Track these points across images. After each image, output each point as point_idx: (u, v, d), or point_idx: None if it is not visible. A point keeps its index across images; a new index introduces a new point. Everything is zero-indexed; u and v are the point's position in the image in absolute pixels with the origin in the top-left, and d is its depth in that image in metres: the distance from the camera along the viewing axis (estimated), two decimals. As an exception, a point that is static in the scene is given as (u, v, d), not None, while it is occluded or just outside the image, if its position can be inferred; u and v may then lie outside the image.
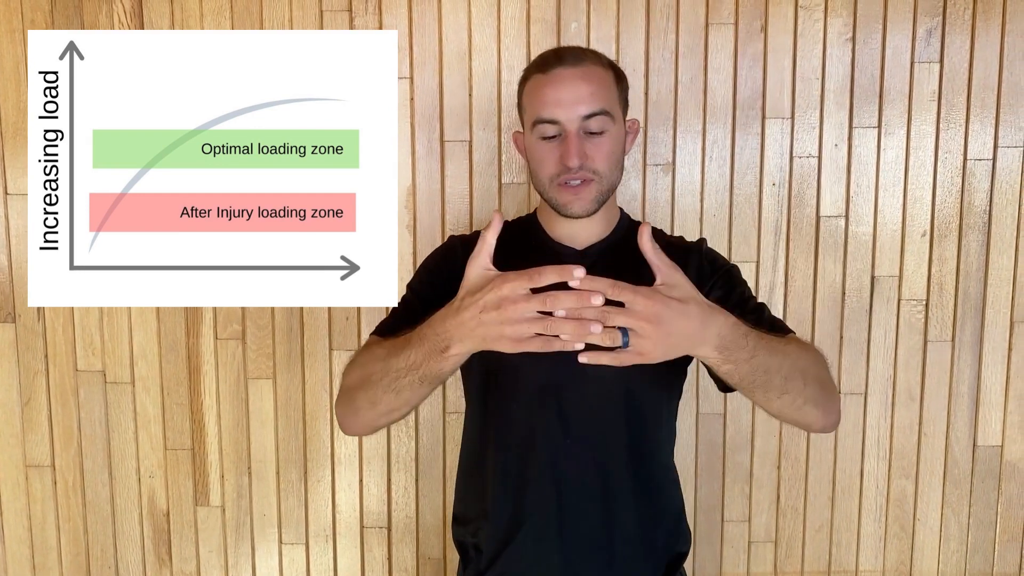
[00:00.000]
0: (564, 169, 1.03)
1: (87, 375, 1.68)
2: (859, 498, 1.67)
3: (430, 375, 0.87)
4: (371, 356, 0.95)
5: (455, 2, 1.58)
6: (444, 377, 0.90)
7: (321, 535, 1.72)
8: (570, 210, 1.05)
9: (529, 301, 0.76)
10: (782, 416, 0.96)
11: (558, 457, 1.06)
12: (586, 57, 1.06)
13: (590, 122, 1.03)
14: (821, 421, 0.98)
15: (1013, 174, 1.59)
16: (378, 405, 0.93)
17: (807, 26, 1.57)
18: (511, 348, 0.78)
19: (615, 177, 1.08)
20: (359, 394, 0.95)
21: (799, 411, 0.94)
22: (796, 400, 0.92)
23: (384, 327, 1.07)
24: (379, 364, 0.91)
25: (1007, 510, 1.67)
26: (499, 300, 0.77)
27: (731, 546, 1.69)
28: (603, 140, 1.04)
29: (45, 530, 1.73)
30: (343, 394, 1.00)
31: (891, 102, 1.58)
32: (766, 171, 1.60)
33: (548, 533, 1.07)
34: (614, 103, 1.06)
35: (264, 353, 1.66)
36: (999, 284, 1.61)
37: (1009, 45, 1.56)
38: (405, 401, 0.91)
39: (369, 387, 0.93)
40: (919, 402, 1.64)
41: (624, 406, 1.07)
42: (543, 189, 1.08)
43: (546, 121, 1.03)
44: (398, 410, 0.93)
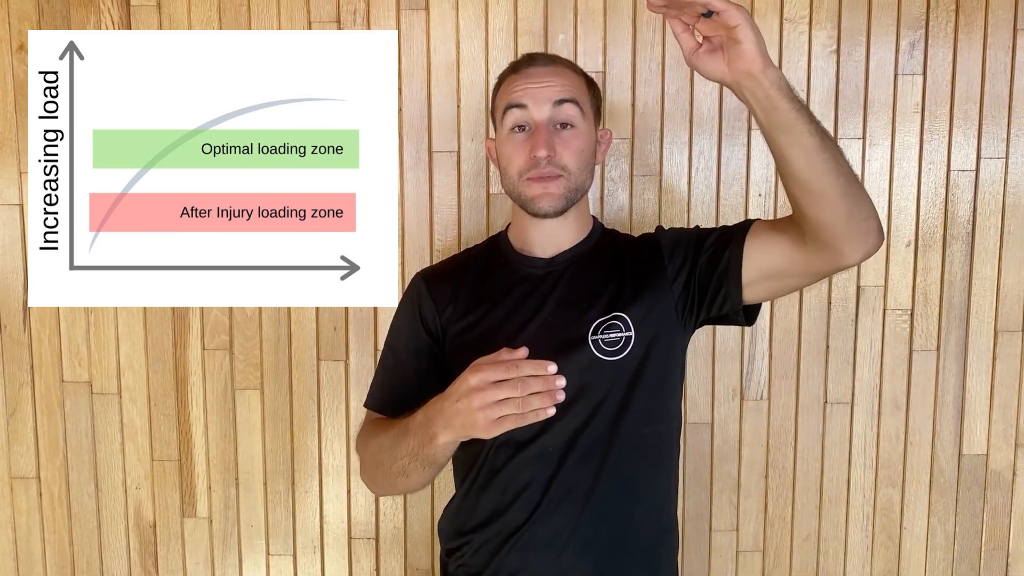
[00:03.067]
0: (533, 162, 1.04)
1: (73, 386, 1.68)
2: (846, 507, 1.68)
3: (427, 461, 0.93)
4: (379, 446, 1.03)
5: (443, 14, 1.59)
6: (441, 463, 0.96)
7: (309, 546, 1.71)
8: (539, 205, 1.06)
9: (499, 389, 0.80)
10: (828, 185, 0.88)
11: (540, 463, 1.05)
12: (558, 60, 1.10)
13: (559, 111, 1.04)
14: (870, 216, 0.91)
15: (996, 185, 1.60)
16: (396, 487, 1.03)
17: (792, 38, 1.58)
18: (486, 432, 0.83)
19: (584, 178, 1.09)
20: (377, 475, 1.05)
21: (847, 180, 0.88)
22: (840, 165, 0.88)
23: (374, 399, 1.15)
24: (386, 453, 0.99)
25: (993, 519, 1.68)
26: (468, 391, 0.82)
27: (719, 555, 1.69)
28: (572, 135, 1.05)
29: (30, 542, 1.72)
30: (364, 471, 1.12)
31: (875, 113, 1.59)
32: (752, 182, 1.61)
33: (536, 534, 1.06)
34: (585, 101, 1.08)
35: (251, 363, 1.66)
36: (983, 294, 1.63)
37: (991, 57, 1.58)
38: (416, 482, 0.99)
39: (382, 473, 1.02)
40: (905, 411, 1.65)
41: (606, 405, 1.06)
42: (513, 187, 1.09)
43: (515, 106, 1.05)
44: (415, 486, 1.02)
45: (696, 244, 1.08)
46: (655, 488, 1.12)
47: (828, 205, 0.89)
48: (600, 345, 1.05)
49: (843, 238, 0.92)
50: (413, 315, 1.16)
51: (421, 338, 1.13)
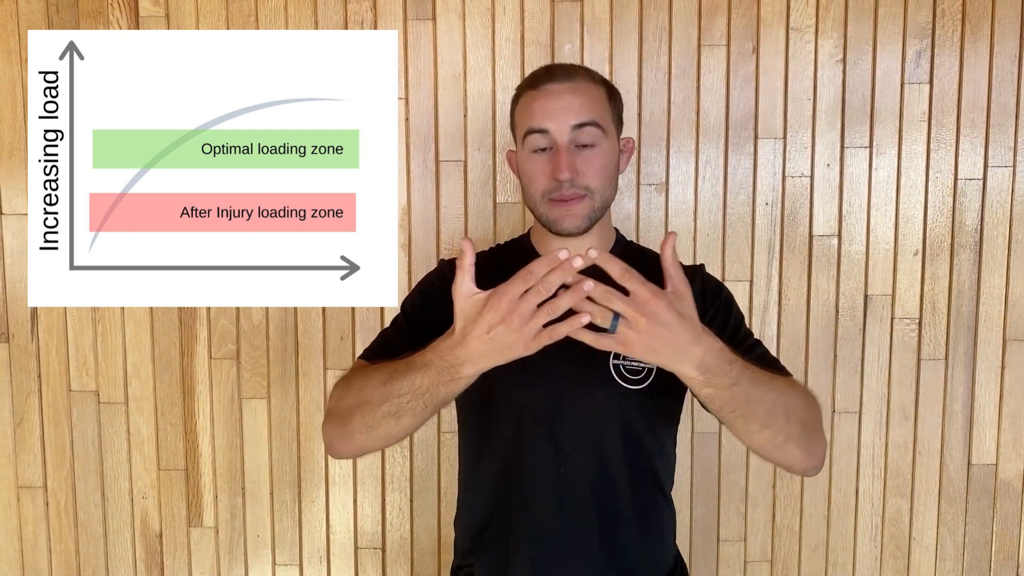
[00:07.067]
0: (555, 184, 1.01)
1: (80, 395, 1.68)
2: (855, 517, 1.67)
3: (437, 399, 0.87)
4: (367, 380, 0.93)
5: (450, 24, 1.59)
6: (450, 400, 0.90)
7: (315, 556, 1.70)
8: (561, 226, 1.03)
9: (527, 300, 0.77)
10: (762, 451, 0.95)
11: (551, 485, 1.04)
12: (577, 73, 1.06)
13: (580, 133, 1.01)
14: (802, 462, 0.96)
15: (1003, 193, 1.60)
16: (376, 430, 0.92)
17: (798, 47, 1.58)
18: (525, 351, 0.80)
19: (608, 194, 1.06)
20: (354, 418, 0.93)
21: (779, 448, 0.93)
22: (776, 437, 0.91)
23: (374, 351, 1.05)
24: (378, 390, 0.90)
25: (1002, 528, 1.67)
26: (501, 316, 0.78)
27: (727, 566, 1.68)
28: (594, 154, 1.02)
29: (36, 551, 1.72)
30: (334, 416, 0.98)
31: (882, 122, 1.59)
32: (759, 191, 1.61)
33: (544, 559, 1.05)
34: (606, 117, 1.05)
35: (258, 373, 1.66)
36: (991, 302, 1.62)
37: (997, 66, 1.58)
38: (404, 427, 0.91)
39: (367, 412, 0.91)
40: (913, 420, 1.65)
41: (621, 435, 1.05)
42: (534, 206, 1.07)
43: (536, 131, 1.02)
44: (395, 436, 0.93)
45: (729, 335, 1.05)
46: (662, 518, 1.12)
47: (781, 459, 0.96)
48: (621, 371, 1.03)
49: (793, 468, 0.98)
50: (433, 293, 1.10)
51: (434, 314, 1.06)
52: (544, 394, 1.03)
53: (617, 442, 1.04)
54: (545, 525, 1.05)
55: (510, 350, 0.80)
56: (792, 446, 0.93)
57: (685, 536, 1.66)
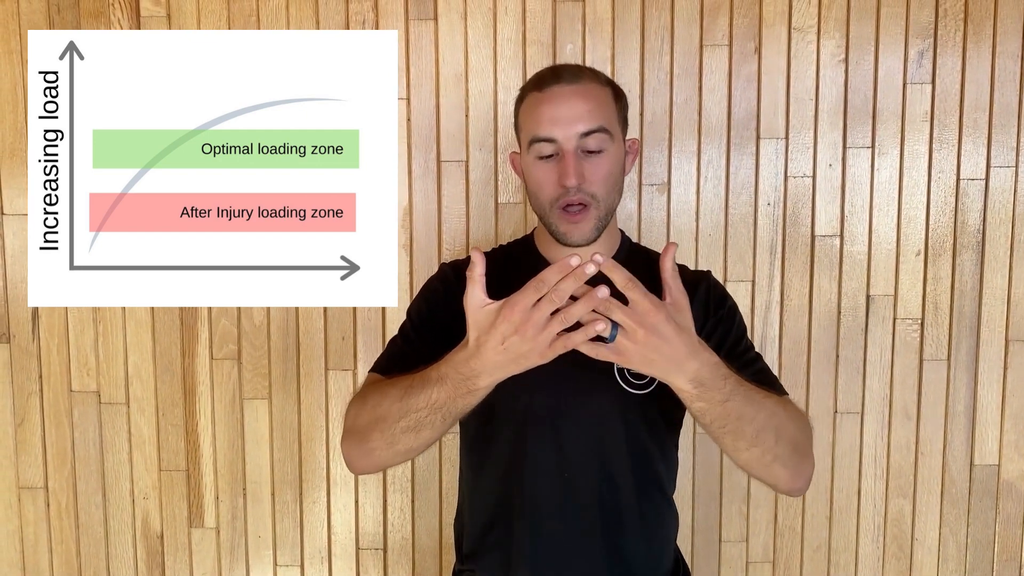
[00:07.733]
0: (562, 191, 1.01)
1: (81, 395, 1.68)
2: (857, 518, 1.67)
3: (454, 412, 0.88)
4: (383, 396, 0.93)
5: (451, 24, 1.59)
6: (467, 411, 0.90)
7: (316, 557, 1.70)
8: (570, 239, 1.03)
9: (540, 308, 0.77)
10: (749, 469, 0.95)
11: (554, 489, 1.04)
12: (583, 74, 1.04)
13: (588, 140, 1.00)
14: (788, 483, 0.96)
15: (1006, 193, 1.60)
16: (396, 445, 0.92)
17: (800, 48, 1.58)
18: (541, 360, 0.80)
19: (613, 200, 1.05)
20: (372, 435, 0.93)
21: (766, 468, 0.93)
22: (764, 456, 0.91)
23: (385, 363, 1.05)
24: (395, 405, 0.90)
25: (1005, 529, 1.67)
26: (515, 326, 0.78)
27: (729, 567, 1.68)
28: (601, 160, 1.02)
29: (37, 552, 1.71)
30: (353, 434, 0.97)
31: (884, 123, 1.59)
32: (761, 191, 1.61)
33: (547, 563, 1.05)
34: (613, 121, 1.04)
35: (260, 373, 1.66)
36: (994, 303, 1.62)
37: (1000, 66, 1.57)
38: (425, 440, 0.92)
39: (385, 428, 0.91)
40: (915, 421, 1.64)
41: (624, 440, 1.04)
42: (543, 213, 1.06)
43: (543, 140, 1.01)
44: (416, 449, 0.94)
45: (729, 347, 1.05)
46: (665, 522, 1.11)
47: (767, 477, 0.96)
48: (625, 375, 1.03)
49: (778, 487, 0.98)
50: (443, 297, 1.09)
51: (440, 319, 1.07)
52: (548, 398, 1.03)
53: (621, 446, 1.04)
54: (547, 529, 1.04)
55: (526, 359, 0.80)
56: (779, 466, 0.93)
57: (687, 537, 1.66)
